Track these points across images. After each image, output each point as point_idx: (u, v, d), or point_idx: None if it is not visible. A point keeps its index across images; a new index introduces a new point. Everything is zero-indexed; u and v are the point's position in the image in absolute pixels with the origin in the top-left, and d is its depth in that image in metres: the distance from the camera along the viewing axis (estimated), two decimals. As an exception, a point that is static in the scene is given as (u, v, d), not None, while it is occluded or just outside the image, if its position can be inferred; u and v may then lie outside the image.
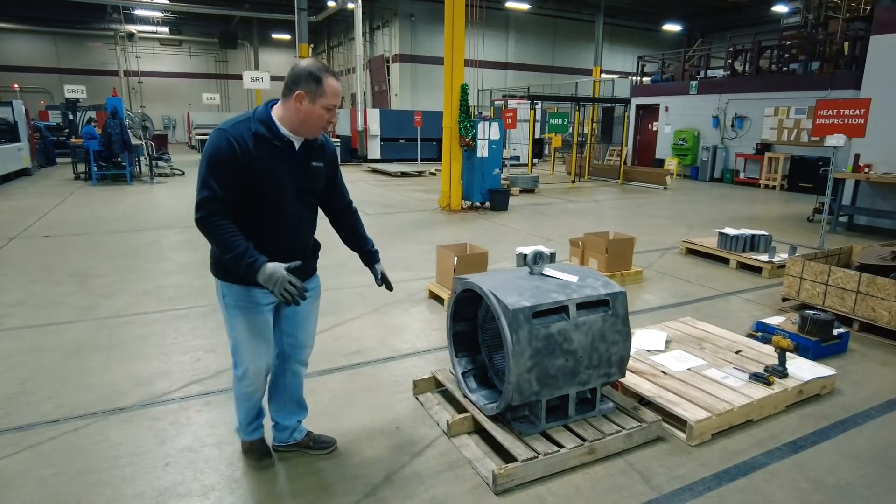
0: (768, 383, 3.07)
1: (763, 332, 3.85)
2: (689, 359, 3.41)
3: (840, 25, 13.61)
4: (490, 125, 9.63)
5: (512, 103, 16.97)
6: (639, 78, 19.61)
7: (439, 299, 4.78)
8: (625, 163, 15.62)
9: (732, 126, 15.52)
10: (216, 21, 30.15)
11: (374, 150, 19.76)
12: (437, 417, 2.88)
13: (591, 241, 5.45)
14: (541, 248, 5.30)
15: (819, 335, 3.72)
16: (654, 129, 18.75)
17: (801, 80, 13.83)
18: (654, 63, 20.75)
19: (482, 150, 9.65)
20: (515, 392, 2.46)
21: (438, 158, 20.35)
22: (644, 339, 3.67)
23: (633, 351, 3.49)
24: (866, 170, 8.22)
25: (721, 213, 10.22)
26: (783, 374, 3.15)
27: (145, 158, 14.30)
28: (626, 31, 30.03)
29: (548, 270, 2.80)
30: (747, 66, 15.48)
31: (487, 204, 10.06)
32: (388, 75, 26.55)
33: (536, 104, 13.38)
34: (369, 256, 2.49)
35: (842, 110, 6.91)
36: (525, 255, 5.08)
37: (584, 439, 2.55)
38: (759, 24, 23.05)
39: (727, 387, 3.05)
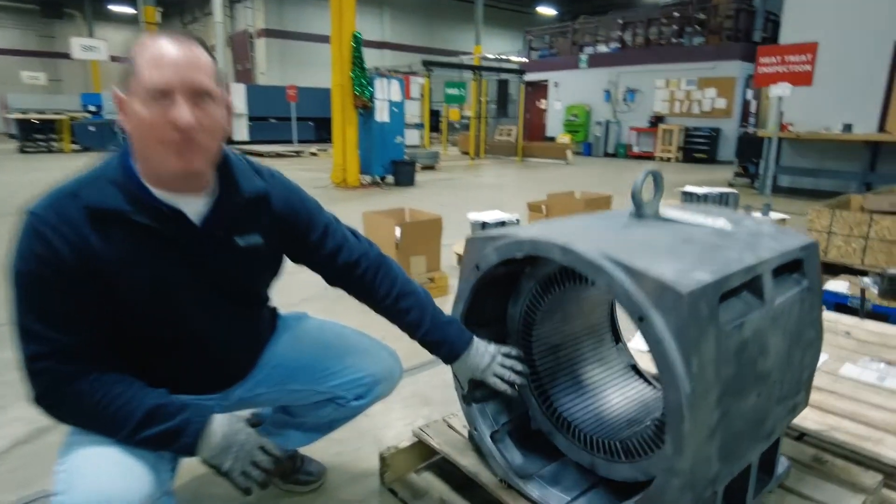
0: (953, 383, 1.93)
1: (856, 302, 2.78)
2: (799, 353, 2.19)
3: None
4: (390, 83, 8.08)
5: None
6: (526, 56, 19.03)
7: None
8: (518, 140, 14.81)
9: (624, 100, 15.31)
10: (34, -15, 25.17)
11: (240, 130, 17.23)
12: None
13: (560, 203, 4.16)
14: (497, 212, 3.92)
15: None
16: (543, 106, 18.26)
17: (690, 52, 13.82)
18: (540, 39, 20.31)
19: (381, 114, 8.07)
20: (686, 488, 1.02)
21: (318, 140, 18.34)
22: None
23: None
24: (790, 127, 7.84)
25: (639, 182, 9.58)
26: (954, 364, 2.03)
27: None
28: (503, 13, 29.66)
29: (667, 211, 1.39)
30: (636, 38, 15.33)
31: (390, 178, 8.52)
32: (253, 52, 23.77)
33: (431, 70, 12.05)
34: (434, 347, 1.35)
35: (786, 57, 6.28)
36: (483, 224, 3.65)
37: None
38: (630, 9, 23.54)
39: (902, 396, 1.86)
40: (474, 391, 1.41)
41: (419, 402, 2.03)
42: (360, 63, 7.64)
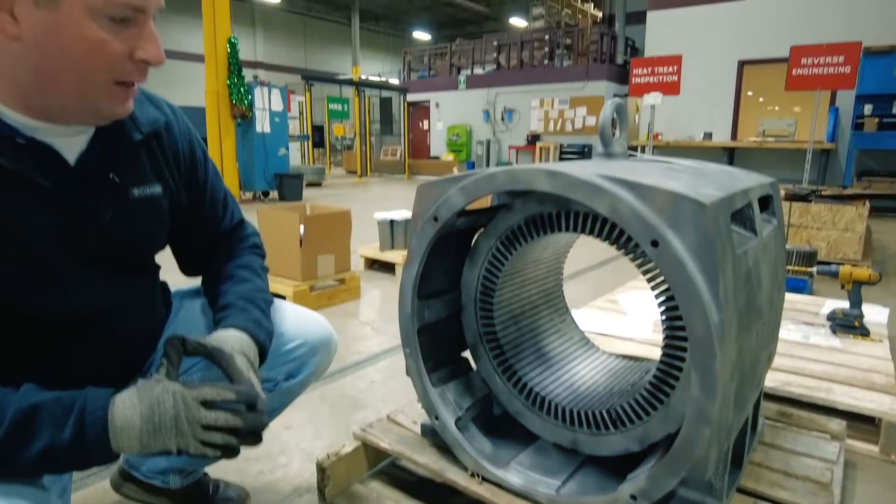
0: (866, 333, 2.04)
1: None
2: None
3: (588, 24, 14.84)
4: (270, 91, 7.64)
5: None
6: (406, 77, 19.23)
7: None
8: (405, 158, 14.83)
9: (502, 119, 15.87)
10: None
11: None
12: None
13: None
14: (405, 211, 3.73)
15: (809, 271, 2.91)
16: (425, 127, 18.49)
17: (561, 73, 14.66)
18: (419, 61, 20.65)
19: (262, 124, 7.59)
20: (714, 439, 0.88)
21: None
22: (634, 321, 2.40)
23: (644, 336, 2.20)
24: (659, 137, 8.50)
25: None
26: (861, 317, 2.15)
27: None
28: (379, 37, 29.90)
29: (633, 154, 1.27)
30: (511, 60, 16.04)
31: (274, 194, 8.02)
32: (109, 69, 21.74)
33: (312, 84, 11.64)
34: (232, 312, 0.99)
35: (656, 68, 6.81)
36: (392, 223, 3.43)
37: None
38: (501, 33, 24.76)
39: (833, 349, 1.92)
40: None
41: (349, 406, 1.75)
42: (238, 70, 7.15)
